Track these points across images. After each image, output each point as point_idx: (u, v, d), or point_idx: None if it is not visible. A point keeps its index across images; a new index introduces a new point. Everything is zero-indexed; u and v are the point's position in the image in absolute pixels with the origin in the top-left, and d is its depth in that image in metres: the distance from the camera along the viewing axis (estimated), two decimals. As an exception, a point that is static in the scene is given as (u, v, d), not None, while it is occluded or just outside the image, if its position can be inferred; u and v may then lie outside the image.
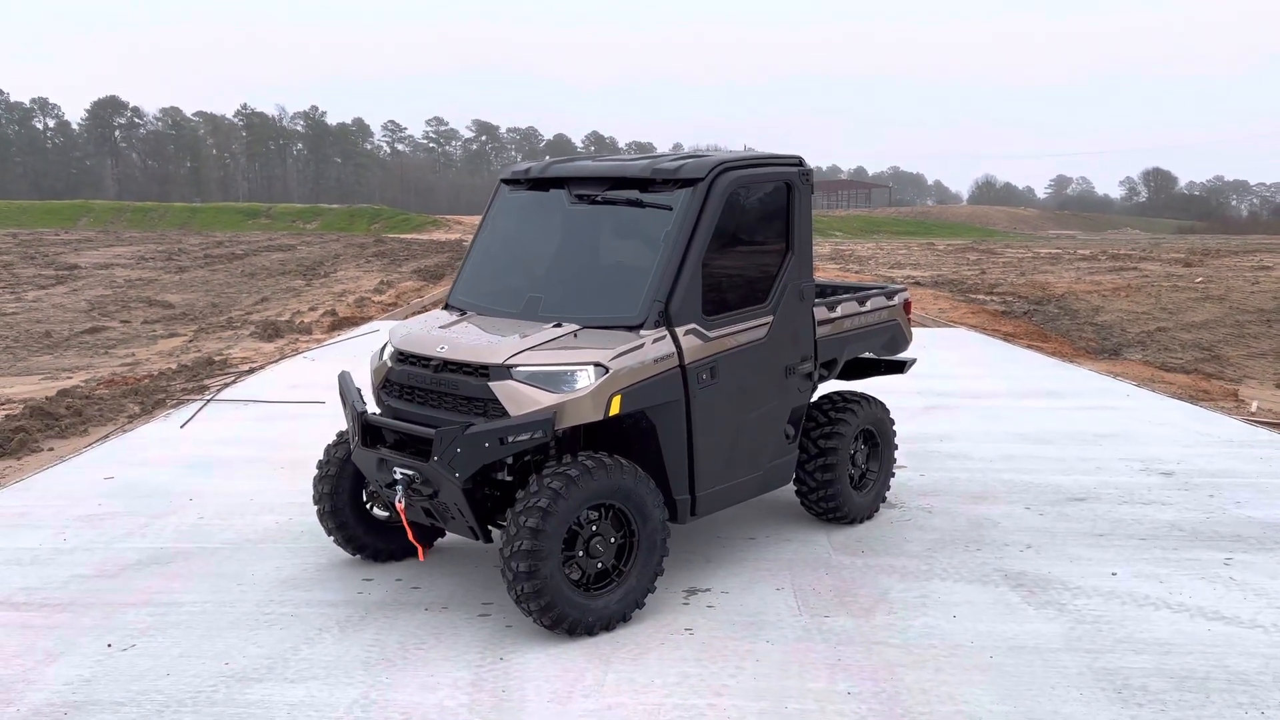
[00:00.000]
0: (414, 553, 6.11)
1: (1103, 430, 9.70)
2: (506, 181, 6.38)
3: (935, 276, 29.07)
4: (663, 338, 5.25)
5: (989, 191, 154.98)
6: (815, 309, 6.27)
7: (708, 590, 5.66)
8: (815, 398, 6.65)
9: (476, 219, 73.67)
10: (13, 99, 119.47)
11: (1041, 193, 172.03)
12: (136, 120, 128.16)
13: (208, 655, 4.83)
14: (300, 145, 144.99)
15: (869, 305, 6.80)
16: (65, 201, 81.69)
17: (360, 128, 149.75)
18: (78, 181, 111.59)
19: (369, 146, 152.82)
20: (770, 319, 5.84)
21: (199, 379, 13.17)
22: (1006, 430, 9.66)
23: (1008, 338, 18.06)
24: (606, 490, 4.97)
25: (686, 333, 5.34)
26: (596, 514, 5.05)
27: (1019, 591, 5.66)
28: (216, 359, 15.06)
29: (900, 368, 7.29)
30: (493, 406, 5.06)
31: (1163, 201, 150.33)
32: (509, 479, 5.27)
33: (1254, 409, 12.16)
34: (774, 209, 5.96)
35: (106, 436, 9.57)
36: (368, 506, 6.01)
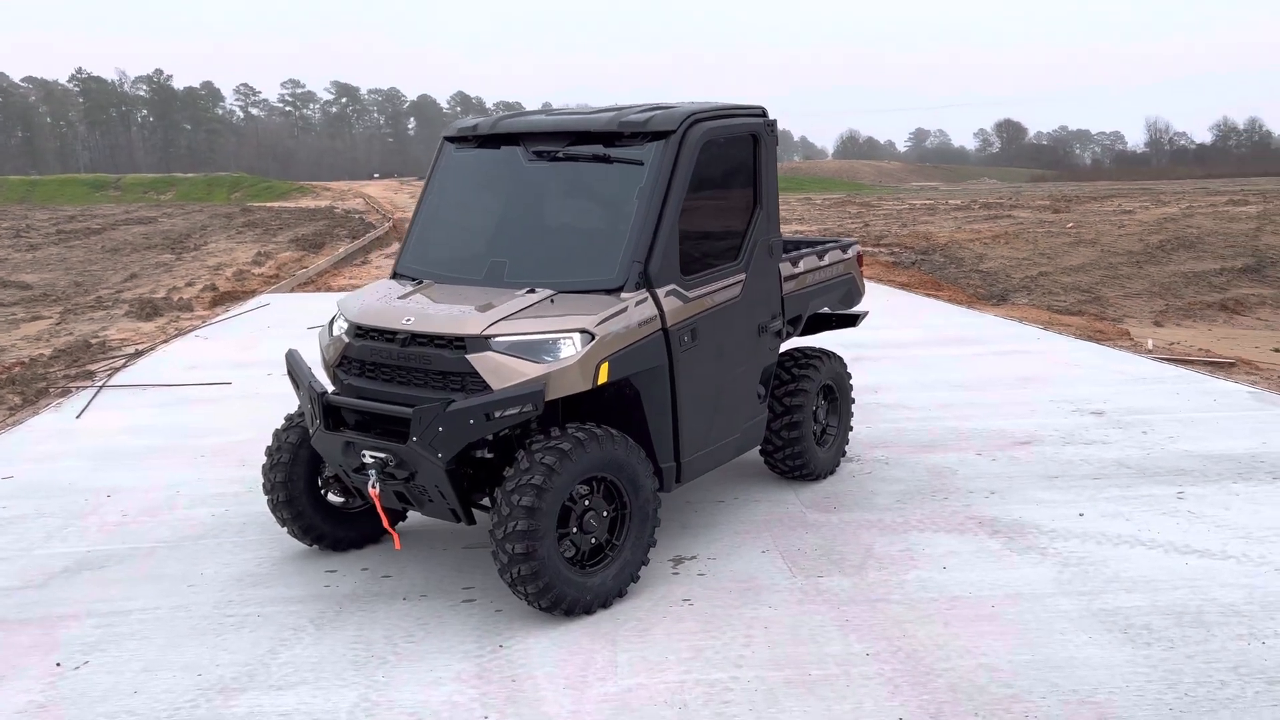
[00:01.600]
0: (374, 539, 5.75)
1: (1026, 374, 9.93)
2: (451, 139, 5.99)
3: (821, 231, 29.48)
4: (644, 300, 5.01)
5: (853, 146, 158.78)
6: (781, 265, 6.12)
7: (694, 558, 5.50)
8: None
9: (345, 185, 71.20)
10: None
11: (902, 146, 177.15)
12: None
13: (175, 667, 4.40)
14: (145, 112, 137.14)
15: (827, 259, 6.70)
16: (-115, 177, 75.12)
17: (210, 92, 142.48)
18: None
19: (220, 111, 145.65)
20: (743, 277, 5.67)
21: (80, 364, 12.24)
22: (935, 378, 9.80)
23: (904, 287, 18.45)
24: (599, 463, 4.73)
25: (668, 294, 5.12)
26: (587, 488, 4.81)
27: (998, 539, 5.69)
28: (94, 342, 14.05)
29: (853, 321, 7.23)
30: (471, 380, 4.74)
31: (1014, 151, 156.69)
32: (489, 456, 4.96)
33: (1150, 346, 12.71)
34: (742, 162, 5.76)
35: (-8, 431, 8.75)
36: (323, 493, 5.61)
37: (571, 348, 4.72)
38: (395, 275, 5.78)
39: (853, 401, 7.08)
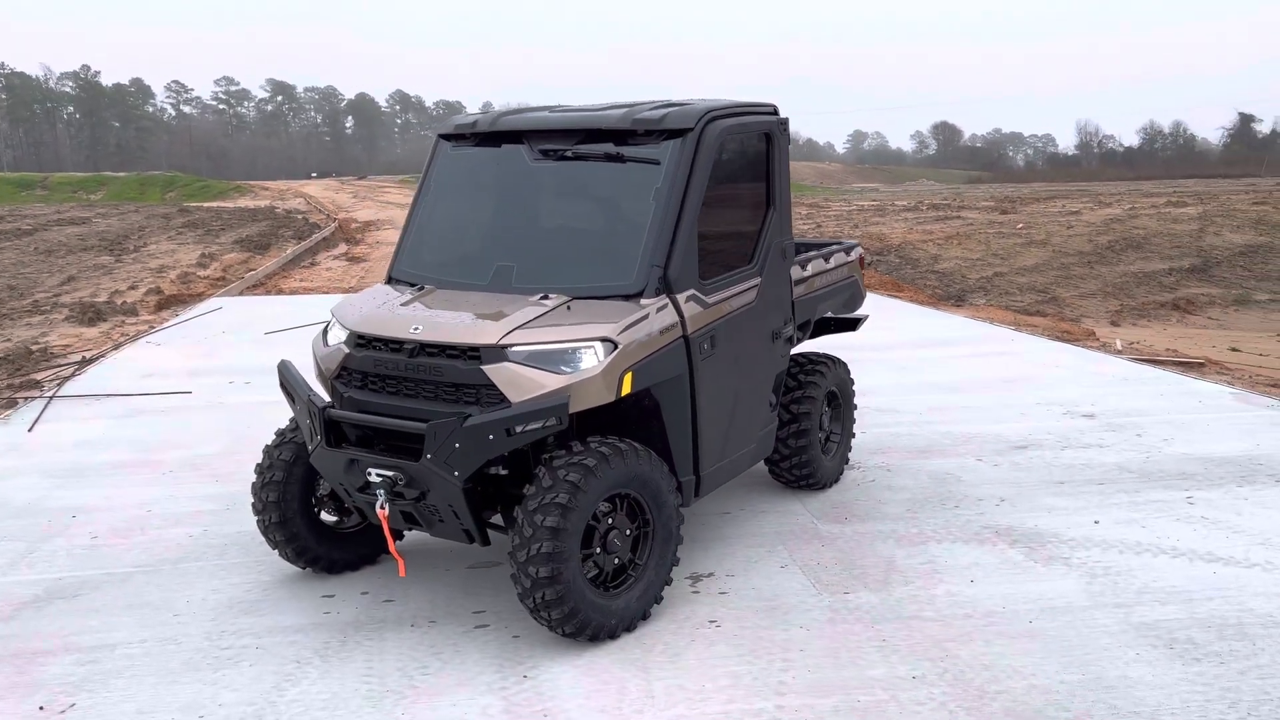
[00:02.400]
0: (370, 560, 5.43)
1: (1008, 375, 9.88)
2: (446, 137, 5.68)
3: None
4: (665, 306, 4.77)
5: (794, 148, 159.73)
6: (791, 268, 5.92)
7: (710, 575, 5.27)
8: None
9: (284, 184, 69.68)
10: None
11: (841, 148, 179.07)
12: None
13: (173, 708, 4.04)
14: (71, 109, 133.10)
15: (833, 262, 6.52)
16: None
17: (140, 89, 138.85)
18: None
19: (151, 109, 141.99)
20: (758, 281, 5.45)
21: (23, 372, 11.61)
22: (919, 381, 9.70)
23: (867, 289, 18.42)
24: (624, 479, 4.47)
25: (688, 299, 4.88)
26: (609, 505, 4.55)
27: (1018, 549, 5.55)
28: (35, 349, 13.37)
29: (853, 325, 7.06)
30: (487, 393, 4.45)
31: (950, 153, 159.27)
32: (503, 472, 4.68)
33: (1119, 346, 12.80)
34: (756, 161, 5.55)
35: (-64, 447, 8.19)
36: (316, 512, 5.27)
37: (594, 357, 4.46)
38: (390, 280, 5.46)
39: (855, 408, 6.91)
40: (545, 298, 4.74)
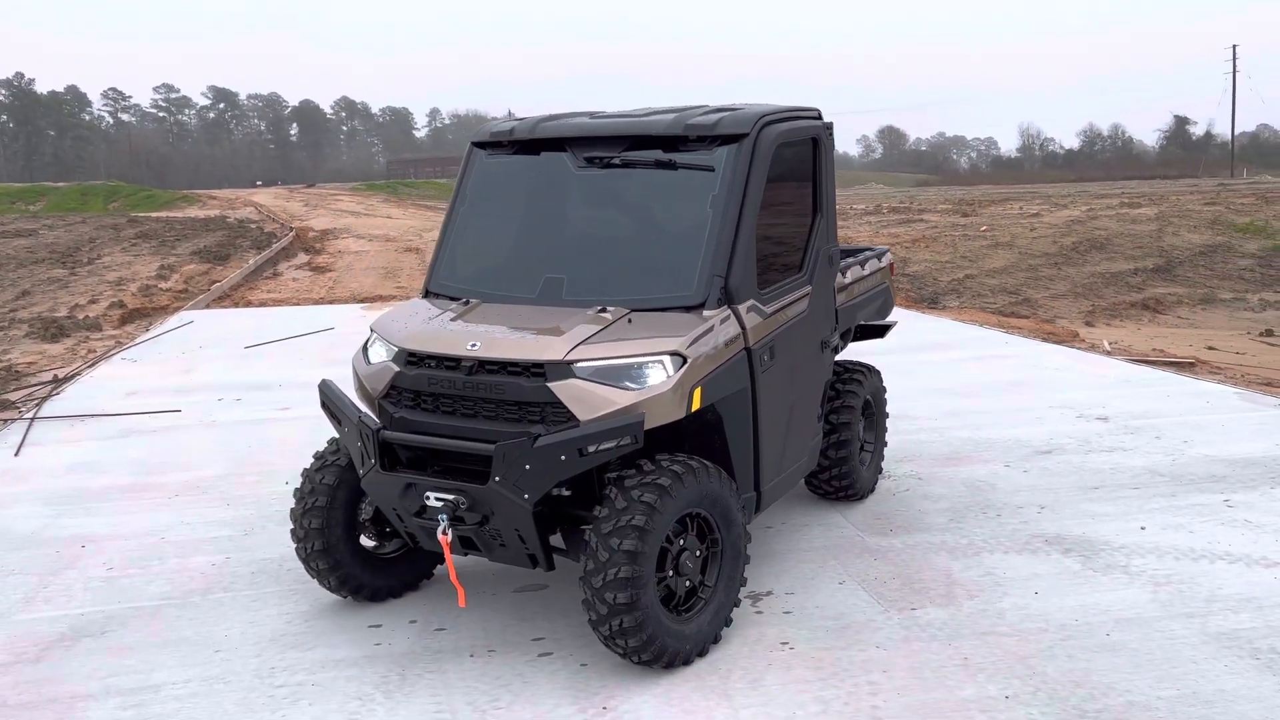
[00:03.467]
0: (413, 586, 5.21)
1: (1013, 379, 9.88)
2: (481, 145, 5.47)
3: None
4: (728, 318, 4.61)
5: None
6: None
7: (769, 594, 5.12)
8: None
9: (232, 193, 68.31)
10: None
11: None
12: None
13: (237, 754, 3.80)
14: (4, 117, 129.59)
15: (868, 268, 6.41)
16: None
17: (76, 97, 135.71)
18: None
19: (88, 117, 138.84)
20: (809, 289, 5.32)
21: (-6, 393, 11.13)
22: (926, 386, 9.65)
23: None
24: (697, 498, 4.31)
25: (749, 310, 4.73)
26: (679, 526, 4.38)
27: (1073, 558, 5.47)
28: (-1, 367, 12.86)
29: (881, 332, 6.96)
30: (552, 411, 4.26)
31: (896, 157, 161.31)
32: (567, 493, 4.48)
33: (1107, 347, 12.90)
34: (804, 167, 5.42)
35: (-84, 474, 7.76)
36: (357, 537, 5.02)
37: (663, 372, 4.29)
38: (427, 294, 5.24)
39: (887, 416, 6.81)
40: (604, 310, 4.57)
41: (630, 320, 4.51)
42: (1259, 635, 4.52)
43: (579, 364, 4.26)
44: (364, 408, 4.78)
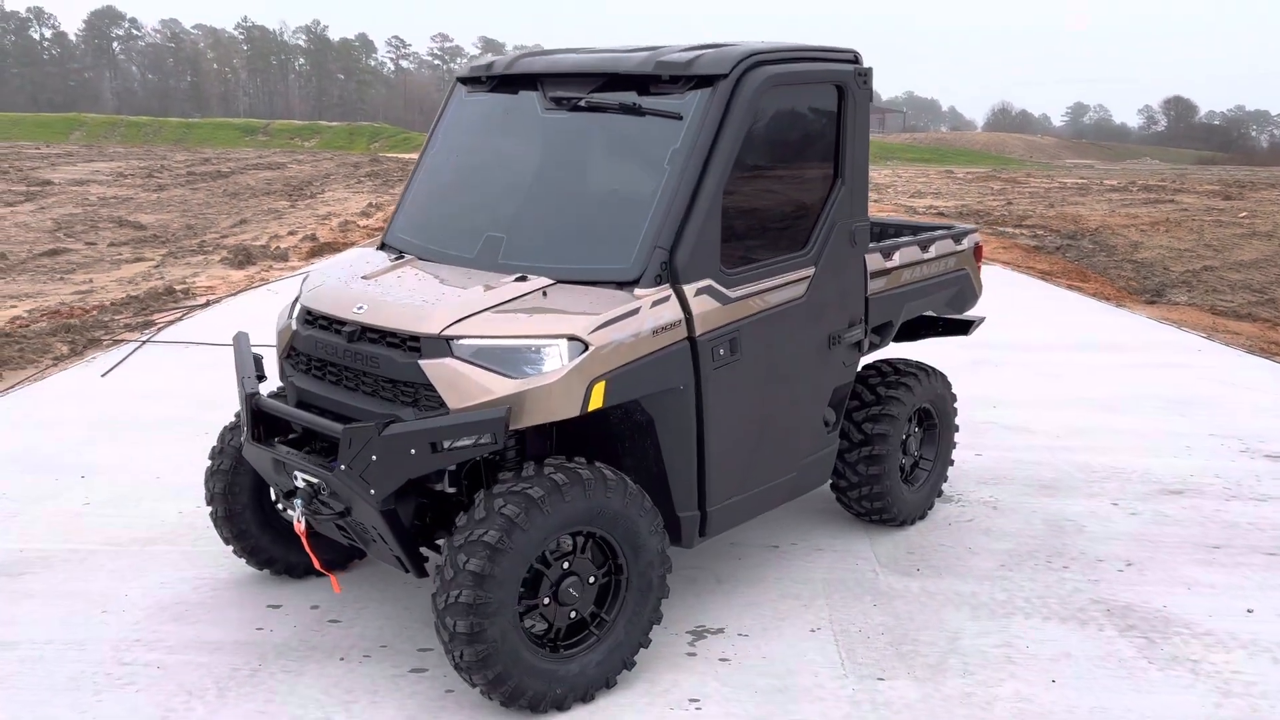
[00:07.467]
0: (341, 565, 4.74)
1: (1182, 395, 8.23)
2: (465, 81, 4.84)
3: (959, 207, 27.30)
4: (665, 299, 3.78)
5: (1005, 118, 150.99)
6: (868, 256, 4.77)
7: (720, 631, 4.28)
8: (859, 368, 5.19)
9: (479, 139, 71.31)
10: (8, 7, 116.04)
11: (1058, 120, 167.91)
12: (135, 32, 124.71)
13: (22, 739, 3.46)
14: (302, 61, 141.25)
15: (933, 251, 5.29)
16: (58, 115, 79.19)
17: (364, 43, 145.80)
18: (76, 94, 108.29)
19: (373, 63, 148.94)
20: (811, 271, 4.36)
21: (147, 312, 11.71)
22: (1069, 394, 8.21)
23: (1045, 276, 16.48)
24: (585, 515, 3.55)
25: (699, 292, 3.87)
26: (571, 543, 3.64)
27: (1130, 638, 4.27)
28: (178, 288, 13.60)
29: (964, 328, 5.80)
30: (425, 393, 3.62)
31: (1181, 131, 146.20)
32: (450, 490, 3.84)
33: (1340, 367, 10.66)
34: (820, 121, 4.43)
35: (14, 386, 8.15)
36: (280, 509, 4.60)
37: (556, 359, 3.54)
38: (383, 245, 4.70)
39: (956, 430, 5.68)
40: (522, 278, 3.85)
41: (545, 294, 3.78)
42: (1337, 795, 3.27)
43: (459, 341, 3.59)
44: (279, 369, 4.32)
